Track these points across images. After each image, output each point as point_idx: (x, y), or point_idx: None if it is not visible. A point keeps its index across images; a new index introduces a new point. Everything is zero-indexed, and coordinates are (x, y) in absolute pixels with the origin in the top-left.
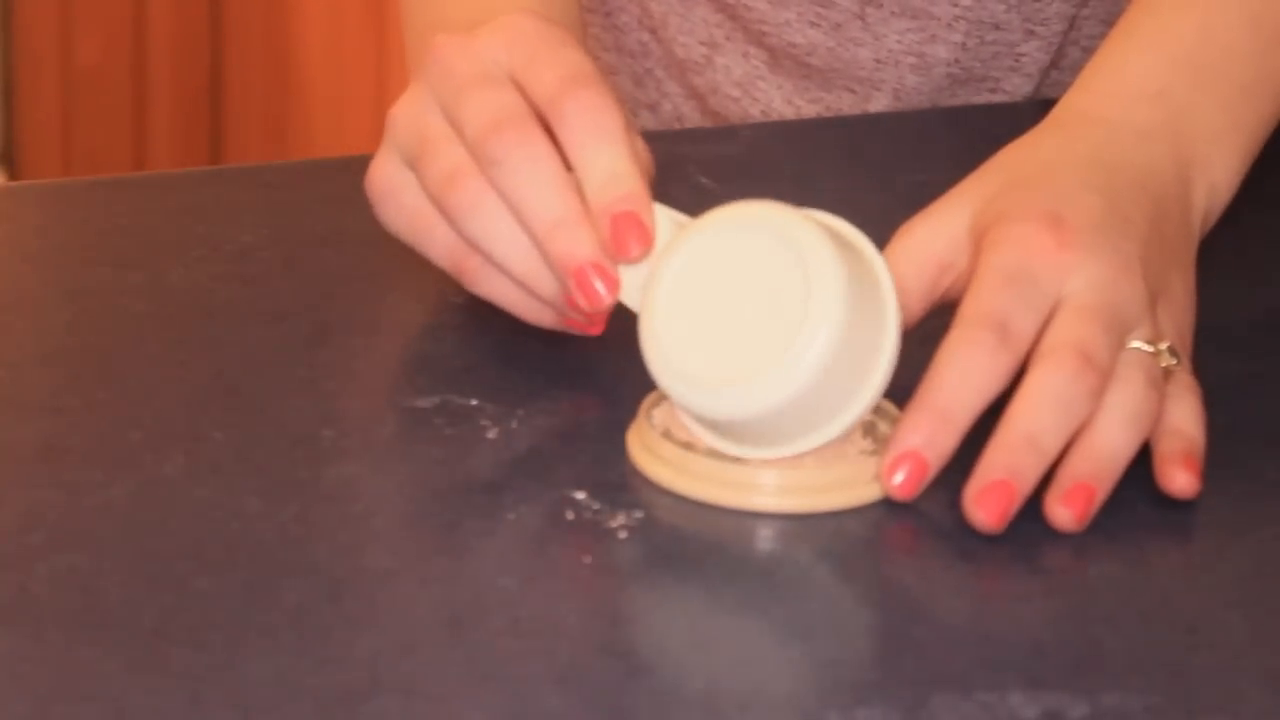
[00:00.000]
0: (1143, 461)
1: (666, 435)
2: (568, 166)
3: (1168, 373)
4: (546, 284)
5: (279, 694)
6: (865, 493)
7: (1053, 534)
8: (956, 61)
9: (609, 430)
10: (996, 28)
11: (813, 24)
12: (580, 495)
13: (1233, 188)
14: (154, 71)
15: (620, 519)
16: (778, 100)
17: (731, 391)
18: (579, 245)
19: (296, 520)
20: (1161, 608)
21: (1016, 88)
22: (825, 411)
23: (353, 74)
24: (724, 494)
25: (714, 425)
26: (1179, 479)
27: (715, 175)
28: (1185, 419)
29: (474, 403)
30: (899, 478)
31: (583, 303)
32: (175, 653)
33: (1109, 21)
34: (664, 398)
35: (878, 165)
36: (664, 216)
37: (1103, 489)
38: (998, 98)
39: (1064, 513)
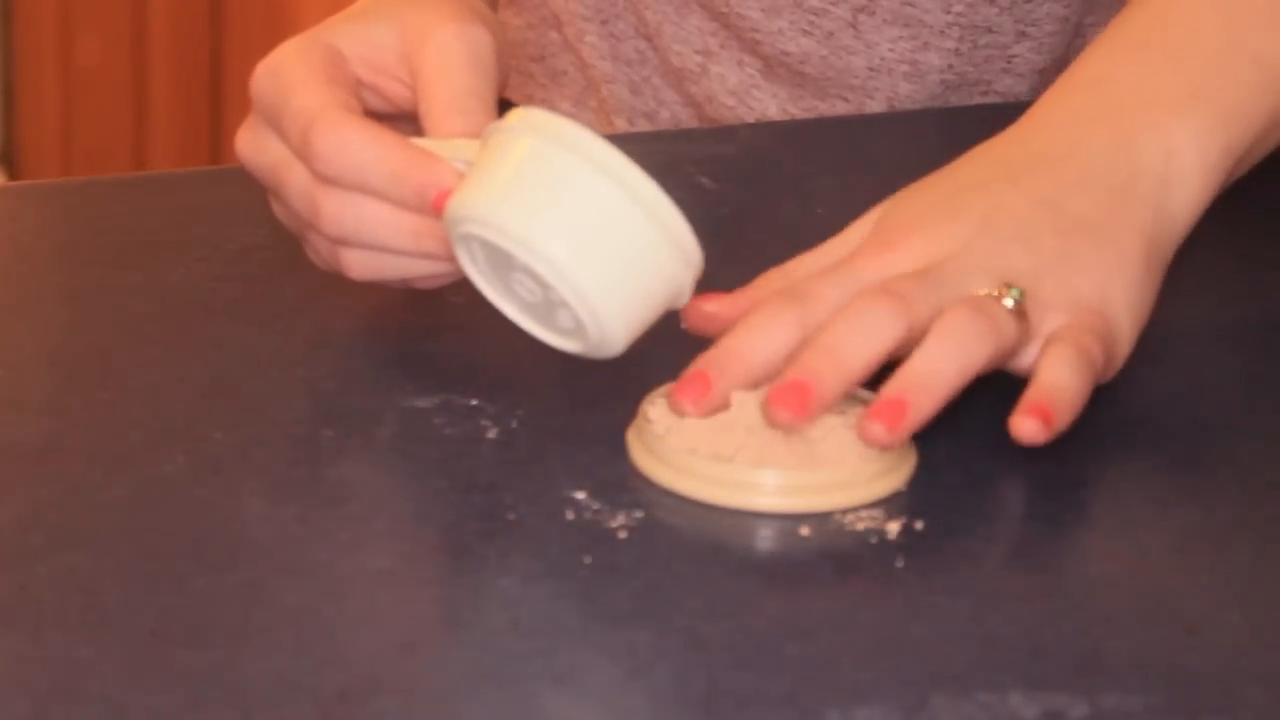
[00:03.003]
0: (1142, 460)
1: (666, 435)
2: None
3: (1019, 312)
4: (432, 244)
5: (279, 694)
6: (865, 492)
7: (1052, 534)
8: (950, 68)
9: (609, 430)
10: (989, 31)
11: (805, 32)
12: (580, 495)
13: (1208, 150)
14: (154, 71)
15: (620, 519)
16: (773, 108)
17: (583, 351)
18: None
19: (296, 520)
20: (1161, 608)
21: (1009, 88)
22: (661, 292)
23: None
24: (724, 494)
25: None
26: (1025, 426)
27: (714, 175)
28: (1047, 366)
29: (474, 403)
30: (686, 402)
31: None
32: (175, 653)
33: None
34: (664, 398)
35: (875, 165)
36: (452, 157)
37: (915, 403)
38: (990, 100)
39: (874, 426)
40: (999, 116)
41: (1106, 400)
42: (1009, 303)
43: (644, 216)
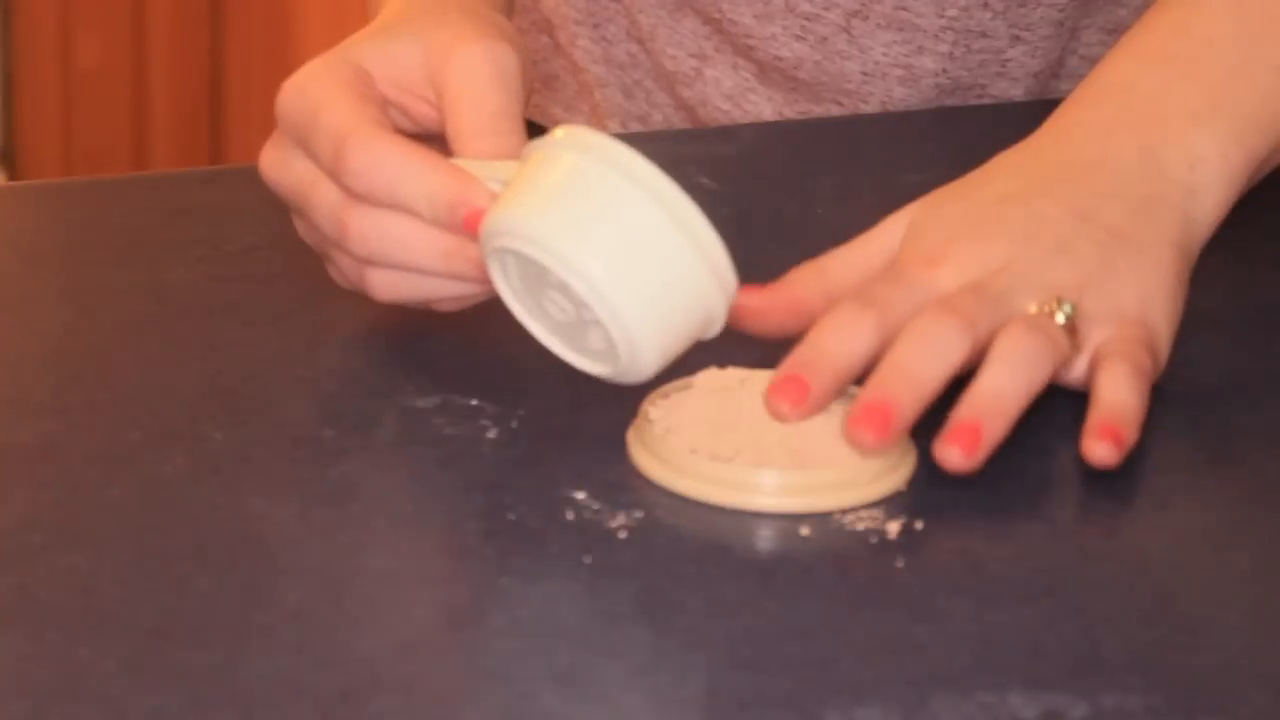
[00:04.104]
0: (1141, 460)
1: (666, 435)
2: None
3: (1070, 327)
4: (462, 265)
5: (279, 694)
6: (865, 493)
7: (1053, 534)
8: (944, 72)
9: (609, 430)
10: (983, 35)
11: (798, 37)
12: (580, 495)
13: (1229, 158)
14: (154, 71)
15: (620, 519)
16: (768, 112)
17: (610, 376)
18: (479, 258)
19: (296, 520)
20: (1161, 608)
21: (1003, 92)
22: (695, 319)
23: None
24: (724, 494)
25: None
26: (1096, 450)
27: (715, 175)
28: (1109, 385)
29: (474, 403)
30: (784, 405)
31: None
32: (175, 653)
33: (1109, 30)
34: (664, 398)
35: (876, 165)
36: (487, 177)
37: (989, 426)
38: (985, 103)
39: (951, 451)
40: (999, 116)
41: None
42: (1060, 319)
43: (684, 239)
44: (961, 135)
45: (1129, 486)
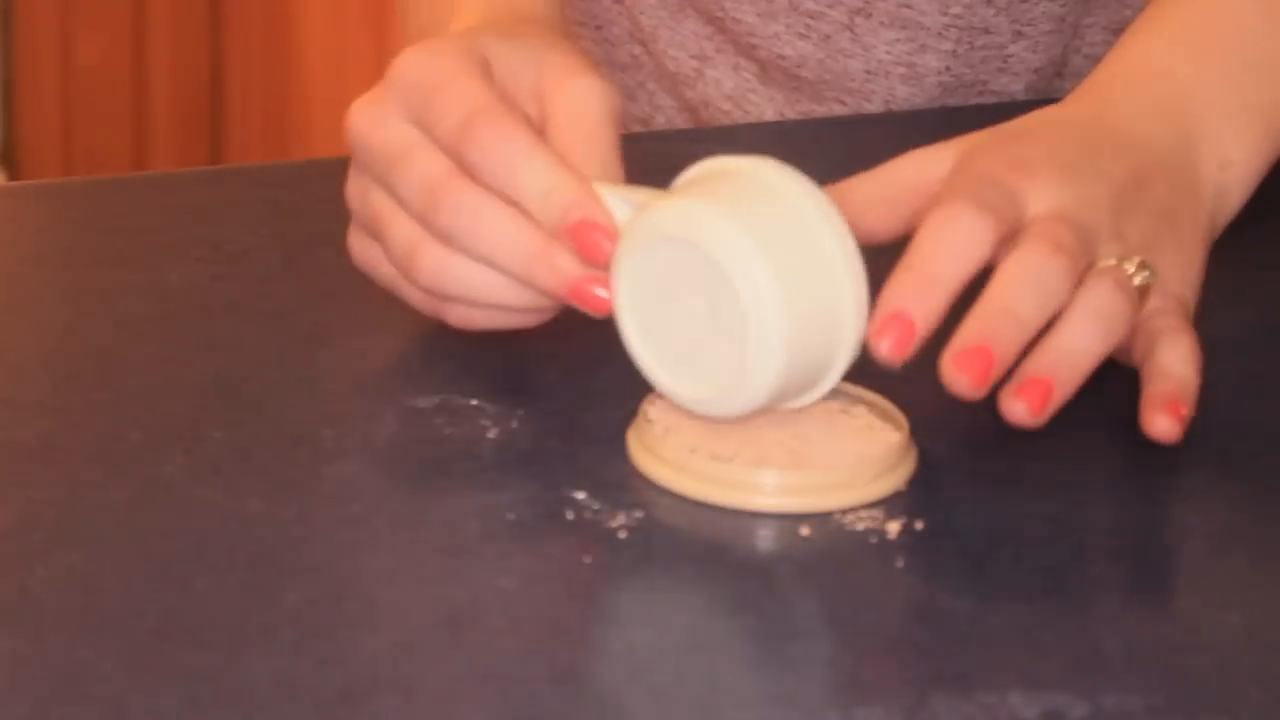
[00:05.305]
0: (1141, 461)
1: (666, 435)
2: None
3: (1144, 291)
4: (536, 298)
5: (279, 694)
6: (865, 492)
7: (1052, 534)
8: (947, 69)
9: (609, 430)
10: (986, 32)
11: (801, 36)
12: (580, 495)
13: (1252, 162)
14: (154, 71)
15: (620, 519)
16: (769, 113)
17: (700, 401)
18: (562, 270)
19: (296, 520)
20: (1161, 608)
21: (1004, 87)
22: (807, 376)
23: (353, 74)
24: (724, 494)
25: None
26: (1159, 423)
27: None
28: (1176, 358)
29: (474, 403)
30: (886, 344)
31: (593, 312)
32: (175, 653)
33: (1112, 29)
34: (663, 397)
35: (876, 166)
36: (615, 200)
37: (1061, 384)
38: (986, 99)
39: (1018, 405)
40: (999, 116)
41: (1106, 400)
42: (1138, 281)
43: (851, 303)
44: (962, 134)
45: (1129, 486)
